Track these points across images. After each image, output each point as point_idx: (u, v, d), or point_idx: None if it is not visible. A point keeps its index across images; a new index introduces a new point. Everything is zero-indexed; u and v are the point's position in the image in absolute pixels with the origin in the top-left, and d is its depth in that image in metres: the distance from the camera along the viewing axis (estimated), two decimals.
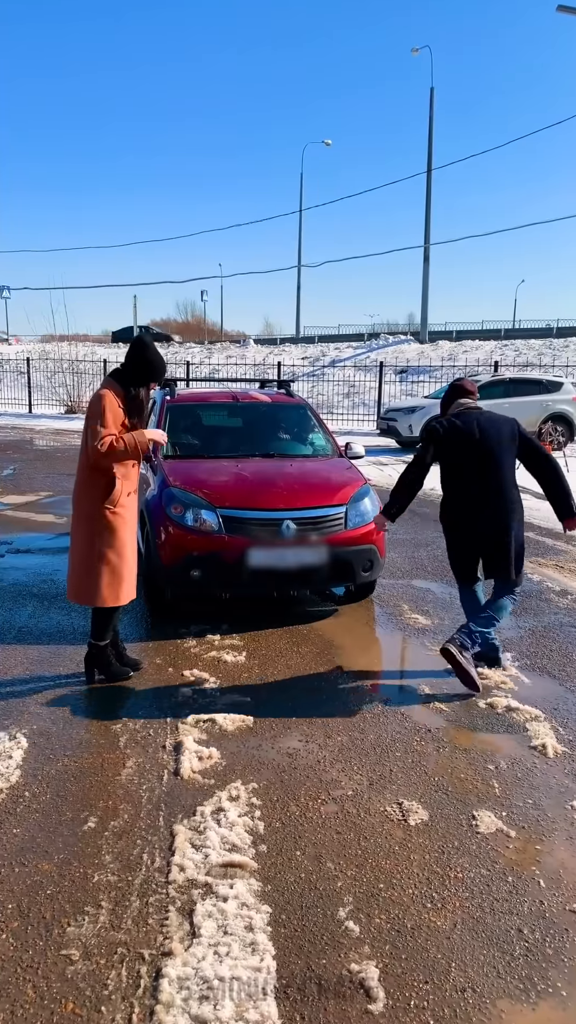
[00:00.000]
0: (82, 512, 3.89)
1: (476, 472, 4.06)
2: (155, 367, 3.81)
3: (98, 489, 3.81)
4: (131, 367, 3.81)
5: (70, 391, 23.86)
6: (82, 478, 3.89)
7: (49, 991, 2.03)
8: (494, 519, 4.05)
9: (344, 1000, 2.01)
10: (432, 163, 32.33)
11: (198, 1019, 1.93)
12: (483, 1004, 2.01)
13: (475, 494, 4.06)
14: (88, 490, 3.84)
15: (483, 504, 4.05)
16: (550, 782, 3.13)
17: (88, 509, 3.84)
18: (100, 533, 3.81)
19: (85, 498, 3.86)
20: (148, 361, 3.79)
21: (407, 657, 4.59)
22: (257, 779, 3.10)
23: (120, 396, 3.79)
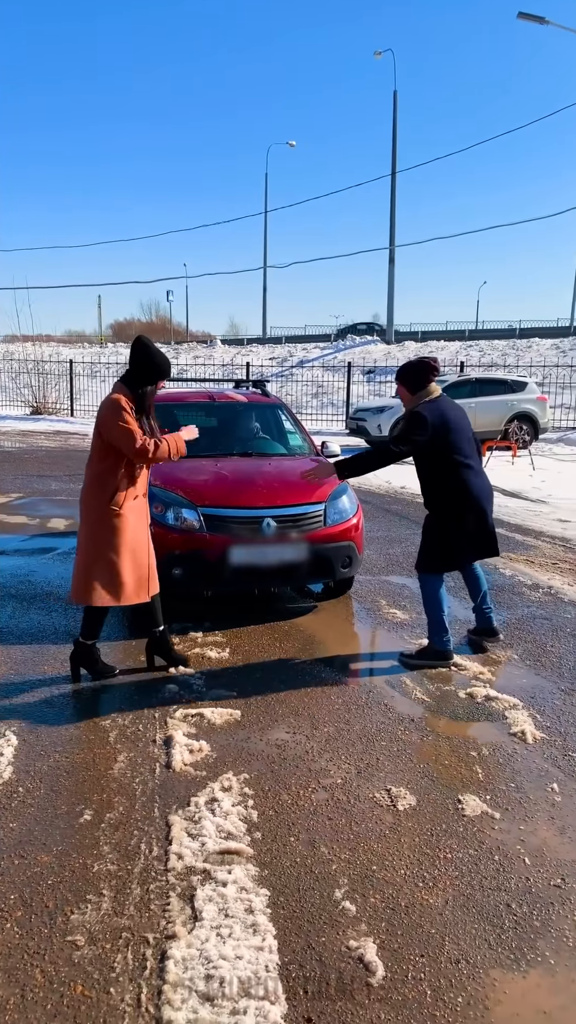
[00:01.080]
0: (87, 514, 3.93)
1: (472, 452, 4.26)
2: (160, 365, 3.89)
3: (105, 491, 3.85)
4: (138, 368, 3.87)
5: (35, 392, 23.62)
6: (89, 481, 3.94)
7: (57, 975, 2.08)
8: (491, 496, 4.34)
9: (345, 974, 2.09)
10: (396, 166, 32.67)
11: (205, 996, 2.00)
12: (477, 974, 2.10)
13: (480, 475, 4.28)
14: (95, 492, 3.89)
15: (486, 482, 4.32)
16: (530, 766, 3.25)
17: (93, 510, 3.89)
18: (102, 533, 3.84)
19: (92, 499, 3.90)
20: (152, 360, 3.87)
21: (387, 650, 4.69)
22: (248, 770, 3.17)
23: (130, 398, 3.85)
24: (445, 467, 4.19)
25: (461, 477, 4.18)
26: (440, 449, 4.16)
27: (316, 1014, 1.96)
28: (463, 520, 4.21)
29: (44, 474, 12.16)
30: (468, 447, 4.25)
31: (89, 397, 23.43)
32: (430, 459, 4.22)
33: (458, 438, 4.19)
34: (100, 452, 3.89)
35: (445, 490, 4.22)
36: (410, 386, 4.30)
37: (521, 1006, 2.00)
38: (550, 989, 2.05)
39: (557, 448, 16.44)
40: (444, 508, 4.26)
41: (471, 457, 4.26)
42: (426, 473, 4.30)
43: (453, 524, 4.24)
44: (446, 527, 4.26)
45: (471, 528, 4.23)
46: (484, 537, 4.30)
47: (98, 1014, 1.96)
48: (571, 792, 3.04)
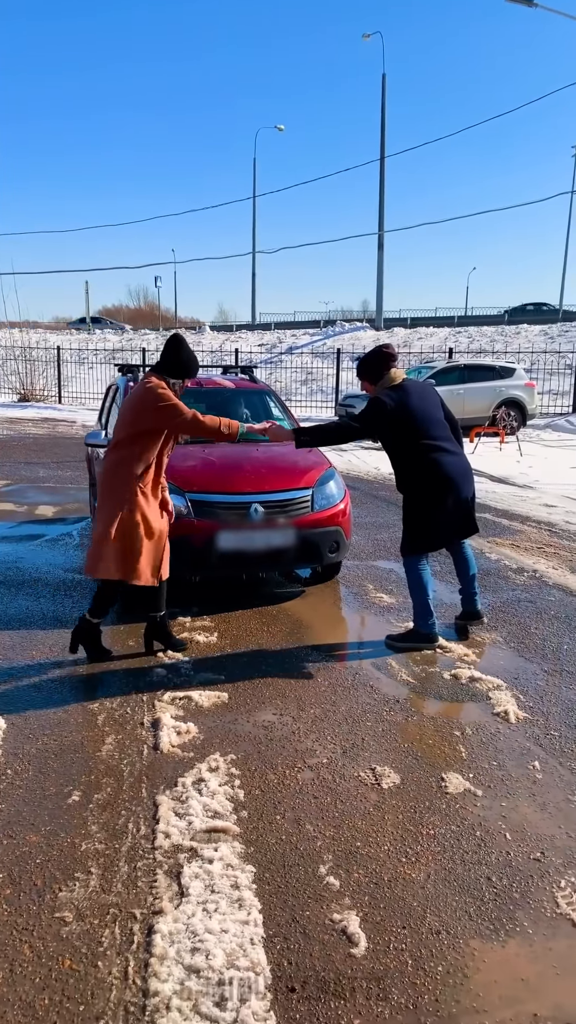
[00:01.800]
0: (109, 493, 3.99)
1: (445, 435, 4.30)
2: (191, 365, 4.06)
3: (130, 473, 3.94)
4: (171, 363, 4.02)
5: (23, 379, 23.48)
6: (113, 464, 4.00)
7: (46, 950, 2.12)
8: (470, 475, 4.36)
9: (328, 946, 2.14)
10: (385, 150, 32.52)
11: (191, 968, 2.04)
12: (457, 944, 2.16)
13: (454, 453, 4.29)
14: (119, 473, 3.96)
15: (462, 460, 4.33)
16: (513, 745, 3.30)
17: (116, 490, 3.96)
18: (122, 513, 3.92)
19: (115, 480, 3.97)
20: (185, 359, 4.04)
21: (374, 634, 4.73)
22: (235, 751, 3.21)
23: (164, 383, 3.99)
24: (413, 452, 4.22)
25: (431, 459, 4.20)
26: (405, 434, 4.20)
27: (299, 984, 2.01)
28: (438, 500, 4.23)
29: (32, 461, 12.12)
30: (437, 430, 4.26)
31: (77, 384, 23.33)
32: (396, 444, 4.26)
33: (424, 423, 4.21)
34: (129, 438, 3.95)
35: (416, 473, 4.25)
36: (371, 378, 4.33)
37: (499, 974, 2.05)
38: (528, 957, 2.11)
39: (545, 434, 16.52)
40: (418, 490, 4.28)
41: (442, 439, 4.27)
42: (395, 458, 4.34)
43: (428, 504, 4.26)
44: (422, 507, 4.28)
45: (447, 507, 4.25)
46: (461, 516, 4.33)
47: (86, 987, 2.00)
48: (552, 770, 3.10)
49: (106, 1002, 1.95)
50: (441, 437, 4.27)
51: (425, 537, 4.34)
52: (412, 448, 4.21)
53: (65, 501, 8.72)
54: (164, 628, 4.29)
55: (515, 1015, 1.92)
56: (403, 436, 4.21)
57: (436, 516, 4.27)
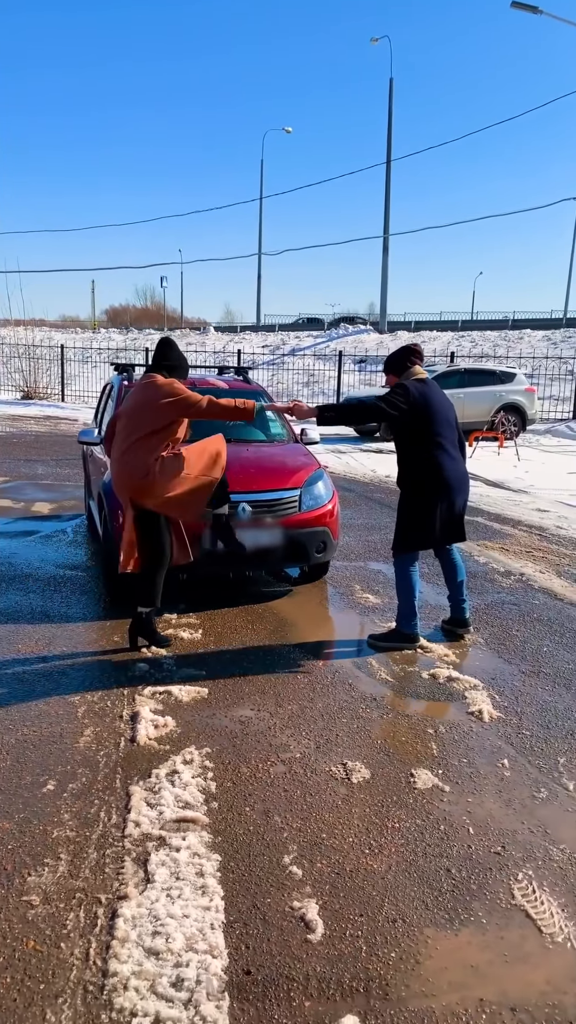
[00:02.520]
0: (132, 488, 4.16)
1: (453, 439, 4.36)
2: (184, 364, 4.36)
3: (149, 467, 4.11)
4: (168, 364, 4.28)
5: (26, 376, 23.59)
6: (130, 463, 4.14)
7: (11, 931, 2.18)
8: (466, 483, 4.42)
9: (286, 931, 2.20)
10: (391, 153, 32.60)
11: (151, 951, 2.10)
12: (411, 931, 2.21)
13: (456, 460, 4.35)
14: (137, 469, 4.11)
15: (461, 467, 4.39)
16: (484, 744, 3.36)
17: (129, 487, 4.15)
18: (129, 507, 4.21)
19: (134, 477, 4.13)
20: (178, 359, 4.34)
21: (357, 633, 4.78)
22: (211, 744, 3.27)
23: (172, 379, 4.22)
24: (422, 445, 4.26)
25: (436, 458, 4.25)
26: (419, 426, 4.25)
27: (255, 967, 2.07)
28: (431, 501, 4.28)
29: (31, 458, 12.20)
30: (448, 431, 4.33)
31: (80, 382, 23.43)
32: (409, 435, 4.31)
33: (438, 420, 4.28)
34: (148, 435, 4.10)
35: (418, 469, 4.29)
36: (396, 371, 4.44)
37: (450, 961, 2.10)
38: (479, 946, 2.16)
39: (544, 439, 16.55)
40: (415, 487, 4.33)
41: (449, 441, 4.33)
42: (403, 449, 4.38)
43: (421, 504, 4.31)
44: (415, 506, 4.34)
45: (439, 510, 4.30)
46: (452, 522, 4.38)
47: (47, 967, 2.06)
48: (521, 768, 3.15)
49: (66, 981, 2.01)
50: (449, 440, 4.33)
51: (414, 537, 4.38)
52: (422, 442, 4.26)
53: (62, 498, 8.80)
54: (150, 624, 4.36)
55: (461, 999, 1.97)
56: (417, 428, 4.26)
57: (426, 517, 4.31)
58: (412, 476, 4.34)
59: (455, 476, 4.33)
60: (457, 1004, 1.96)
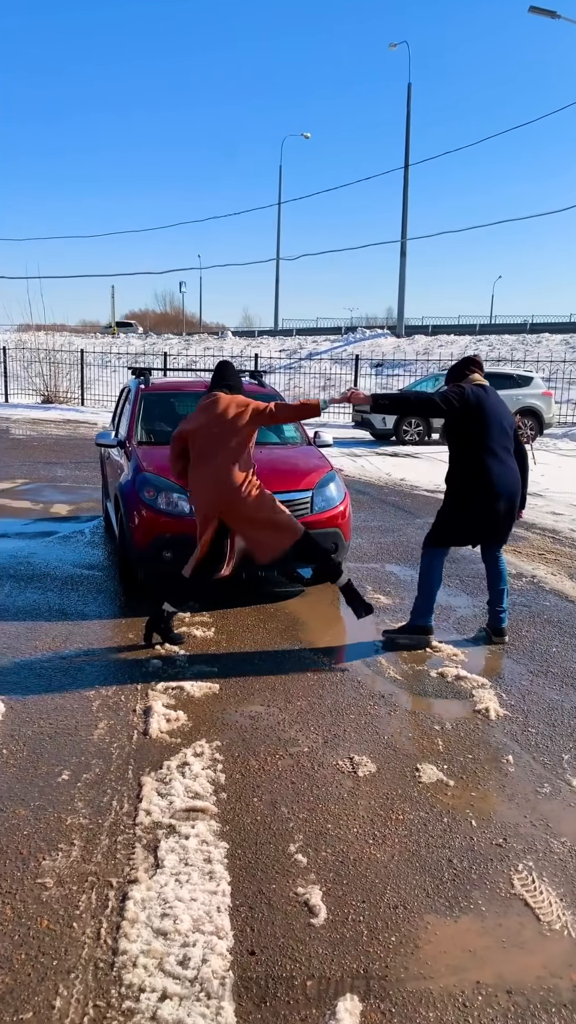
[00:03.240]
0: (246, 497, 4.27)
1: (506, 444, 4.36)
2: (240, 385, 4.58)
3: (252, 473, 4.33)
4: (225, 382, 4.50)
5: (47, 381, 23.88)
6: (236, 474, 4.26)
7: (26, 911, 2.27)
8: (514, 489, 4.38)
9: (290, 915, 2.27)
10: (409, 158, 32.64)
11: (160, 931, 2.18)
12: (412, 918, 2.27)
13: (506, 464, 4.34)
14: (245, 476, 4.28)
15: (511, 474, 4.36)
16: (490, 740, 3.41)
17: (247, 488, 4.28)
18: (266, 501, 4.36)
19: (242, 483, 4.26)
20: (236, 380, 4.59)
21: (367, 633, 4.84)
22: (221, 738, 3.35)
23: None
24: (471, 447, 4.29)
25: (484, 461, 4.27)
26: (470, 428, 4.27)
27: (259, 948, 2.14)
28: (471, 502, 4.31)
29: (51, 461, 12.38)
30: (500, 436, 4.33)
31: (100, 387, 23.67)
32: (459, 436, 4.33)
33: (491, 423, 4.30)
34: (225, 448, 4.25)
35: (465, 469, 4.32)
36: (456, 379, 4.52)
37: (449, 946, 2.16)
38: (477, 932, 2.22)
39: (562, 443, 16.50)
40: (458, 485, 4.37)
41: (500, 446, 4.33)
42: (454, 449, 4.41)
43: (460, 503, 4.35)
44: (454, 504, 4.38)
45: (477, 511, 4.31)
46: (489, 524, 4.36)
47: (60, 944, 2.15)
48: (525, 764, 3.20)
49: (78, 958, 2.10)
50: (500, 445, 4.33)
51: (443, 533, 4.43)
52: (472, 444, 4.28)
53: (80, 500, 8.94)
54: (168, 622, 4.44)
55: (459, 982, 2.03)
56: (469, 430, 4.28)
57: (466, 515, 4.35)
58: (458, 475, 4.38)
59: (501, 480, 4.30)
60: (454, 986, 2.02)
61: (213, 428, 4.28)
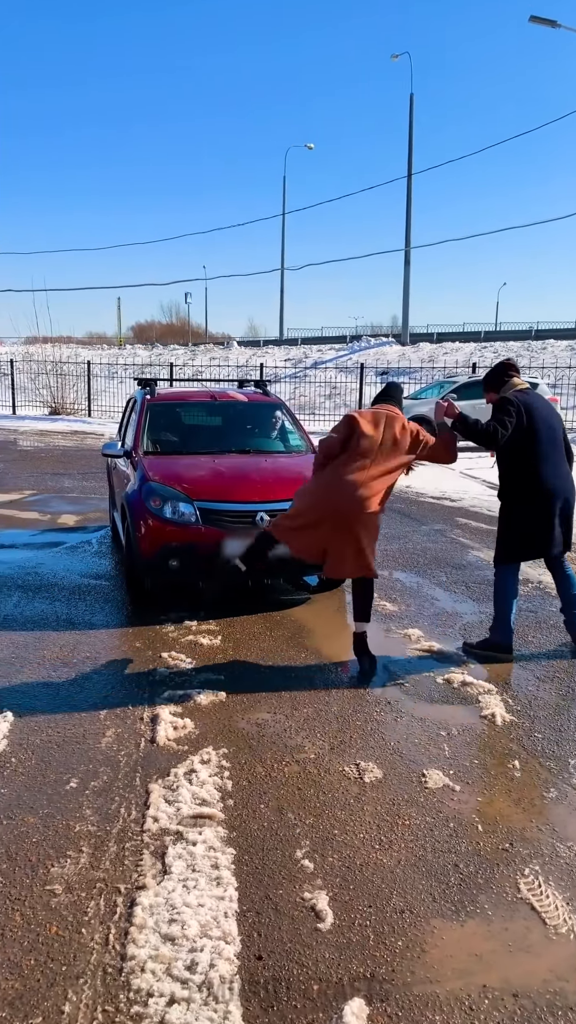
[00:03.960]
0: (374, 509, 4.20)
1: (557, 446, 4.30)
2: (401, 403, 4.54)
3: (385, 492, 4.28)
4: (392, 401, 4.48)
5: (54, 392, 24.00)
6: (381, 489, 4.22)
7: (35, 918, 2.29)
8: (569, 491, 4.31)
9: (296, 920, 2.28)
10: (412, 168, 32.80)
11: (167, 937, 2.20)
12: (418, 922, 2.28)
13: (558, 468, 4.28)
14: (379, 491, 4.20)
15: (564, 476, 4.29)
16: (496, 746, 3.42)
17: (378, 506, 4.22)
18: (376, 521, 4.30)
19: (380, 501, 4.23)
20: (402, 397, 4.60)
21: (373, 640, 4.85)
22: (228, 745, 3.37)
23: None
24: (523, 455, 4.23)
25: (536, 468, 4.22)
26: (522, 440, 4.21)
27: (267, 952, 2.15)
28: (529, 513, 4.26)
29: (59, 472, 12.44)
30: (549, 439, 4.26)
31: (107, 398, 23.78)
32: (511, 448, 4.25)
33: (540, 429, 4.23)
34: (399, 467, 4.27)
35: (518, 479, 4.28)
36: (494, 387, 4.47)
37: (455, 950, 2.17)
38: (484, 936, 2.23)
39: None
40: (514, 497, 4.32)
41: (553, 449, 4.28)
42: (505, 459, 4.34)
43: (518, 515, 4.31)
44: (512, 517, 4.34)
45: (537, 522, 4.25)
46: (551, 533, 4.28)
47: (69, 950, 2.16)
48: (531, 769, 3.21)
49: (87, 964, 2.11)
50: (553, 448, 4.28)
51: (514, 545, 4.37)
52: (523, 451, 4.22)
53: (87, 511, 8.99)
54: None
55: (465, 985, 2.04)
56: (521, 442, 4.21)
57: (527, 527, 4.29)
58: (511, 486, 4.33)
59: (557, 486, 4.25)
60: (460, 990, 2.03)
61: (387, 444, 4.17)
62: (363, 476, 4.11)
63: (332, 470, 4.21)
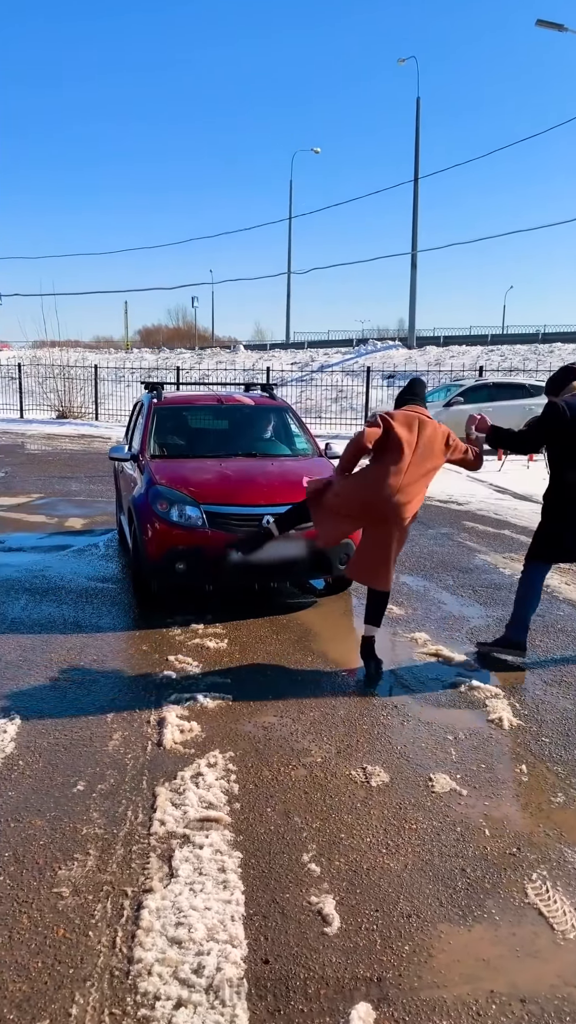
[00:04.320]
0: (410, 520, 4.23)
1: None
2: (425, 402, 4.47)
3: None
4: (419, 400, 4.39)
5: (61, 396, 24.10)
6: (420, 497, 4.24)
7: (42, 920, 2.30)
8: None
9: (303, 924, 2.28)
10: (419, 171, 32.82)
11: (174, 940, 2.20)
12: (425, 927, 2.28)
13: None
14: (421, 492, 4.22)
15: None
16: (503, 750, 3.41)
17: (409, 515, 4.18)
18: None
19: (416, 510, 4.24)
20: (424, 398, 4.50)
21: (380, 643, 4.84)
22: (234, 749, 3.37)
23: None
24: (567, 456, 4.19)
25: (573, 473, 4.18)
26: (566, 440, 4.17)
27: (273, 956, 2.15)
28: (566, 513, 4.23)
29: (65, 475, 12.48)
30: None
31: (114, 402, 23.86)
32: (558, 448, 4.23)
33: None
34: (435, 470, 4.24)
35: (558, 478, 4.25)
36: (555, 390, 4.43)
37: (462, 955, 2.17)
38: (491, 941, 2.22)
39: None
40: (554, 498, 4.30)
41: None
42: (552, 465, 4.32)
43: (556, 516, 4.29)
44: (550, 518, 4.32)
45: (567, 523, 4.23)
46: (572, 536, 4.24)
47: (76, 953, 2.17)
48: (539, 773, 3.20)
49: (94, 966, 2.12)
50: None
51: (547, 545, 4.36)
52: (568, 454, 4.18)
53: (94, 514, 9.01)
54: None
55: (472, 991, 2.03)
56: (566, 439, 4.16)
57: (562, 529, 4.26)
58: (554, 487, 4.31)
59: None
60: (468, 995, 2.02)
61: (421, 447, 4.14)
62: (401, 481, 4.07)
63: (373, 471, 4.18)
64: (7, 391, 25.47)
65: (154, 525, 5.12)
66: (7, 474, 12.52)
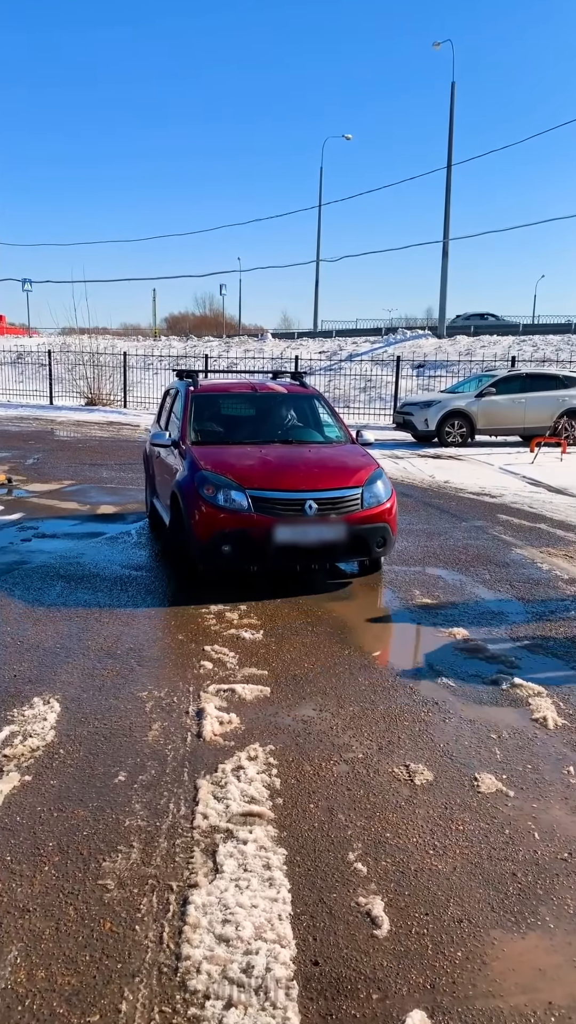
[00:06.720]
0: None
1: None
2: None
3: None
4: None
5: (90, 383, 24.21)
6: None
7: (89, 912, 2.28)
8: None
9: (352, 926, 2.24)
10: (452, 158, 32.29)
11: (222, 937, 2.17)
12: (478, 932, 2.22)
13: None
14: None
15: None
16: (549, 750, 3.33)
17: None
18: None
19: None
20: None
21: (416, 637, 4.79)
22: (274, 742, 3.33)
23: None
24: None
25: None
26: None
27: (323, 958, 2.11)
28: None
29: (96, 463, 12.52)
30: None
31: (142, 389, 23.91)
32: None
33: None
34: None
35: None
36: None
37: (518, 963, 2.11)
38: (547, 950, 2.16)
39: None
40: None
41: None
42: None
43: None
44: None
45: None
46: None
47: (123, 948, 2.14)
48: None
49: (142, 962, 2.09)
50: None
51: None
52: None
53: (125, 501, 9.02)
54: None
55: (530, 1001, 1.97)
56: None
57: None
58: None
59: None
60: (525, 1006, 1.96)
61: None
62: None
63: None
64: (37, 377, 25.64)
65: (201, 509, 5.17)
66: (38, 460, 12.59)
